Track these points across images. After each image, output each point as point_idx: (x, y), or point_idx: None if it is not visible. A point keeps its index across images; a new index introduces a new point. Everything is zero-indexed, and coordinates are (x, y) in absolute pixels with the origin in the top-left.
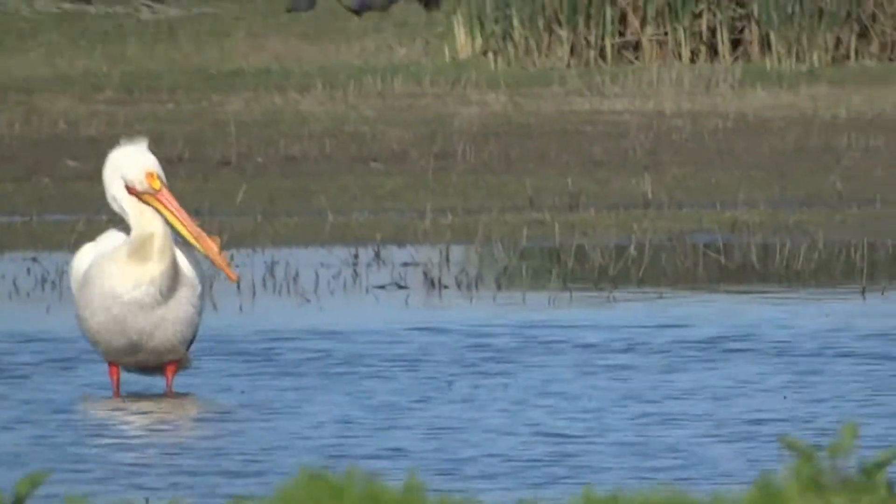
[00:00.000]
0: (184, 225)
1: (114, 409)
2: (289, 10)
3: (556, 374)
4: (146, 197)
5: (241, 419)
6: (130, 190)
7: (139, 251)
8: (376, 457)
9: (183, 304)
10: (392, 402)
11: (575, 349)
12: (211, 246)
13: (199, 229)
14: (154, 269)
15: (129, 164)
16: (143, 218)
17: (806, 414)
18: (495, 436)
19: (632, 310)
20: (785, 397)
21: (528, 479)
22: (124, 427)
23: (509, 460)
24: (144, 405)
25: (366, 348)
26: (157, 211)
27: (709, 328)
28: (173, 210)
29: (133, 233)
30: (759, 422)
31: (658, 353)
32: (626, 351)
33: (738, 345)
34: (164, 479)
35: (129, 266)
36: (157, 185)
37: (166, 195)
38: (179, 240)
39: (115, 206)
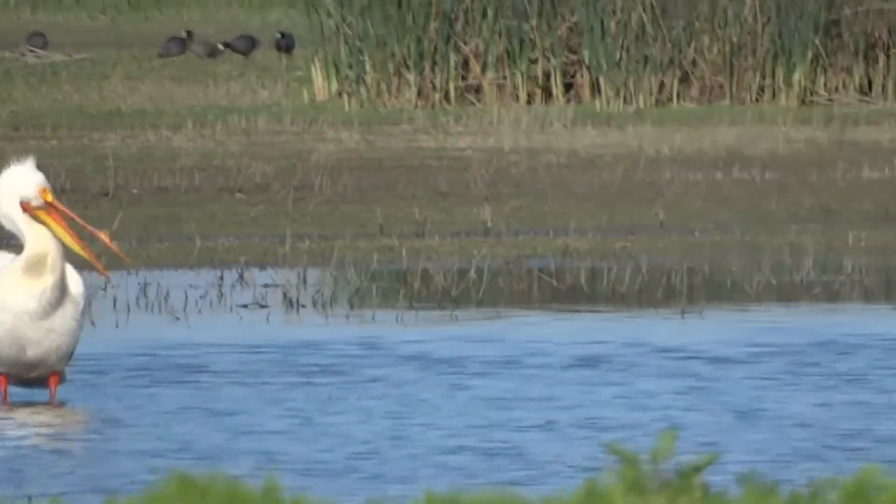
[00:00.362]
0: (70, 237)
1: (3, 410)
2: (160, 56)
3: (403, 383)
4: (38, 213)
5: (116, 425)
6: (25, 207)
7: (34, 267)
8: (239, 457)
9: (67, 318)
10: (252, 408)
11: (421, 362)
12: (90, 254)
13: (83, 245)
14: (46, 282)
15: (23, 182)
16: (37, 236)
17: (631, 421)
18: (345, 439)
19: (472, 327)
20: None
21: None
22: (10, 432)
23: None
24: (28, 409)
25: (230, 361)
26: (48, 226)
27: (542, 344)
28: (62, 224)
29: (27, 250)
30: (588, 427)
31: (499, 365)
32: (466, 363)
33: (566, 359)
34: (47, 481)
35: (24, 280)
36: (49, 197)
37: (59, 206)
38: (67, 259)
39: (7, 224)
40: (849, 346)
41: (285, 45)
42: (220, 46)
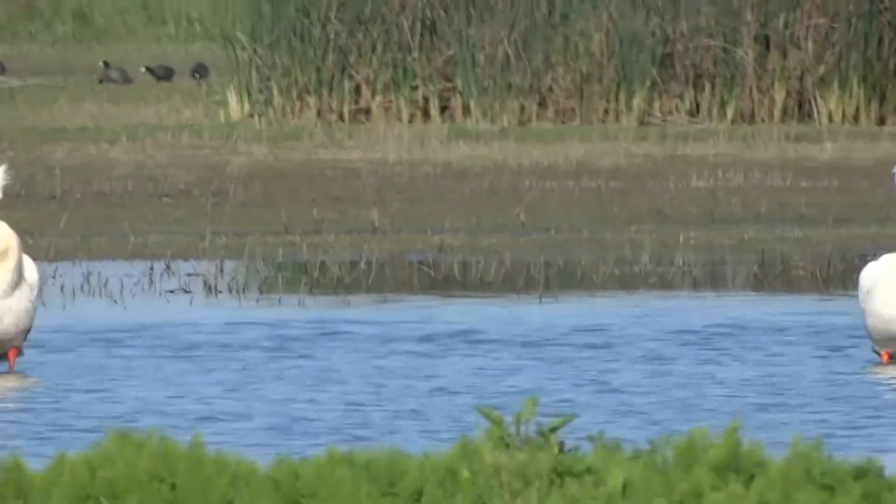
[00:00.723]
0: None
1: None
2: (100, 82)
3: (307, 355)
4: None
5: (64, 391)
6: None
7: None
8: (169, 418)
9: (23, 300)
10: (179, 376)
11: (320, 338)
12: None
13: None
14: (6, 267)
15: None
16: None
17: (499, 389)
18: (261, 402)
19: (362, 310)
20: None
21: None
22: None
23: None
24: None
25: (160, 338)
26: None
27: (423, 325)
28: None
29: None
30: (462, 394)
31: (388, 341)
32: (360, 339)
33: (443, 336)
34: (4, 439)
35: None
36: None
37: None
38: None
39: None
40: (680, 326)
41: (201, 73)
42: (143, 70)
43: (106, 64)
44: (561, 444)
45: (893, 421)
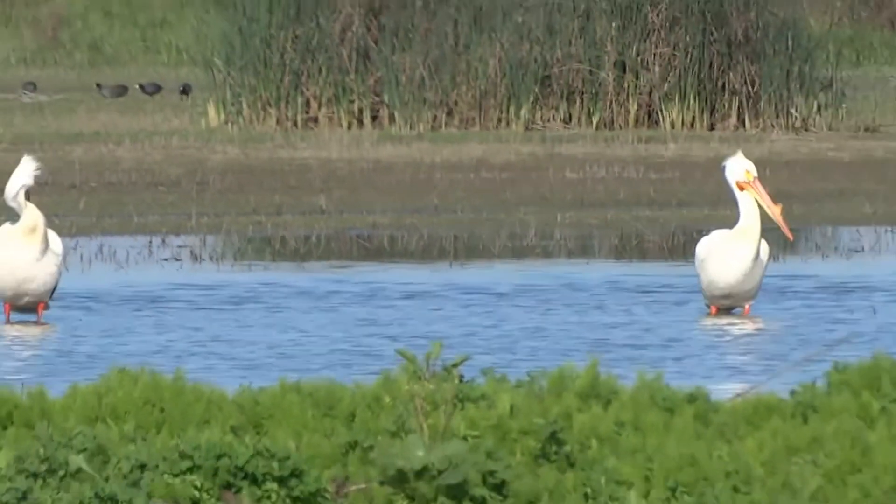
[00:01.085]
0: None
1: (6, 327)
2: (108, 96)
3: (275, 308)
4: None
5: (80, 336)
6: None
7: (28, 229)
8: (166, 357)
9: (50, 264)
10: (174, 325)
11: (281, 295)
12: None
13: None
14: (35, 237)
15: (26, 170)
16: (30, 211)
17: (421, 333)
18: (242, 345)
19: (314, 273)
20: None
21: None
22: (12, 334)
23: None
24: (23, 326)
25: (156, 295)
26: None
27: (361, 285)
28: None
29: (24, 220)
30: (385, 338)
31: (335, 296)
32: (314, 296)
33: (379, 295)
34: (30, 371)
35: (23, 238)
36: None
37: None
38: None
39: (13, 205)
40: (558, 285)
41: (186, 90)
42: (137, 87)
43: (98, 85)
44: (461, 377)
45: (718, 358)
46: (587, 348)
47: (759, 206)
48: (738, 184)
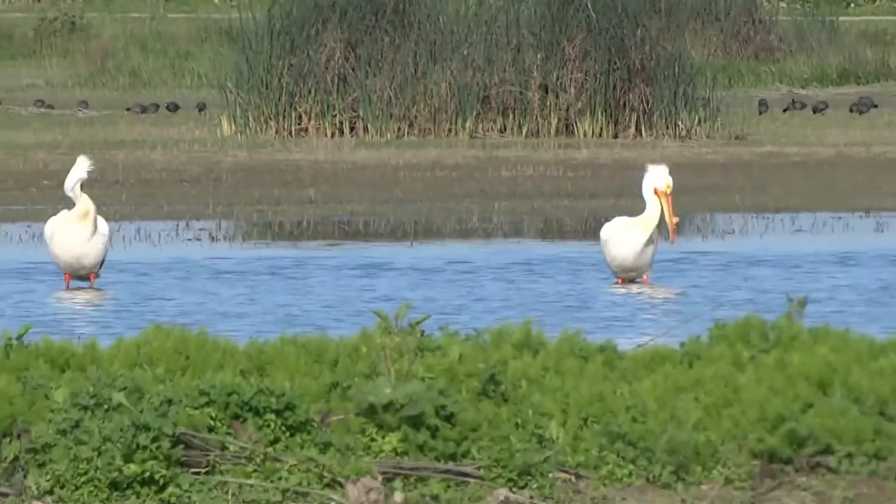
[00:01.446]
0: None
1: (66, 292)
2: (141, 113)
3: (279, 277)
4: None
5: (123, 299)
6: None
7: (82, 214)
8: (196, 316)
9: (99, 244)
10: (198, 291)
11: (280, 267)
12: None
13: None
14: (87, 221)
15: (81, 168)
16: (83, 200)
17: (384, 298)
18: (256, 305)
19: (306, 250)
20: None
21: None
22: (71, 298)
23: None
24: (79, 291)
25: (183, 268)
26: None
27: (341, 259)
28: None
29: (78, 207)
30: (363, 301)
31: (325, 269)
32: (309, 267)
33: (356, 267)
34: (84, 327)
35: (78, 222)
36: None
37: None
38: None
39: (70, 195)
40: (496, 262)
41: (203, 107)
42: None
43: (83, 105)
44: (422, 332)
45: (623, 316)
46: (520, 309)
47: (662, 211)
48: (655, 190)
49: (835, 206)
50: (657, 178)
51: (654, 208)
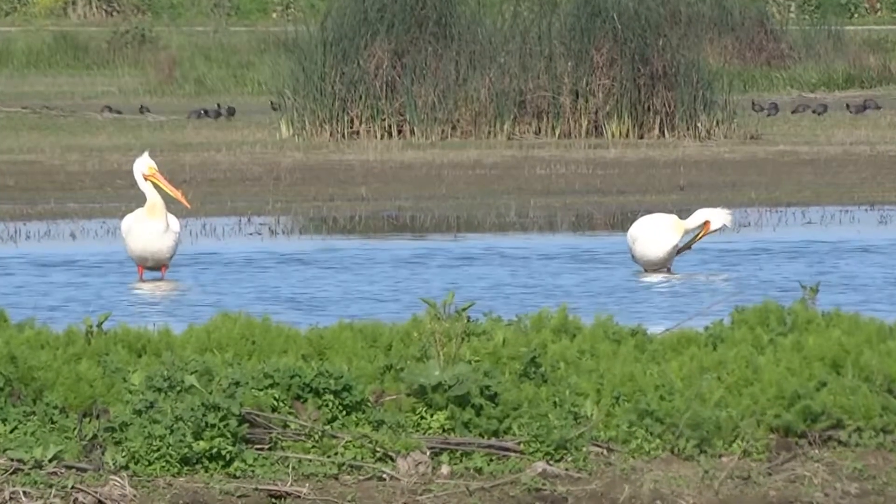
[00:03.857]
0: (167, 189)
1: (140, 283)
2: (199, 117)
3: (334, 268)
4: (149, 178)
5: (193, 287)
6: (145, 177)
7: (151, 210)
8: (258, 304)
9: (170, 238)
10: (261, 280)
11: (337, 258)
12: (178, 194)
13: (175, 189)
14: (159, 217)
15: (141, 163)
16: (150, 195)
17: (437, 287)
18: (312, 290)
19: (358, 242)
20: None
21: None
22: (145, 288)
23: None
24: (153, 282)
25: (246, 259)
26: (155, 186)
27: (392, 251)
28: (161, 182)
29: (148, 202)
30: (416, 289)
31: (377, 262)
32: (359, 260)
33: (407, 258)
34: (155, 315)
35: (148, 216)
36: (151, 171)
37: (158, 175)
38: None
39: (142, 188)
40: (536, 252)
41: (277, 107)
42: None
43: (145, 110)
44: (468, 317)
45: (653, 303)
46: (557, 295)
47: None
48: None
49: (842, 200)
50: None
51: (691, 220)
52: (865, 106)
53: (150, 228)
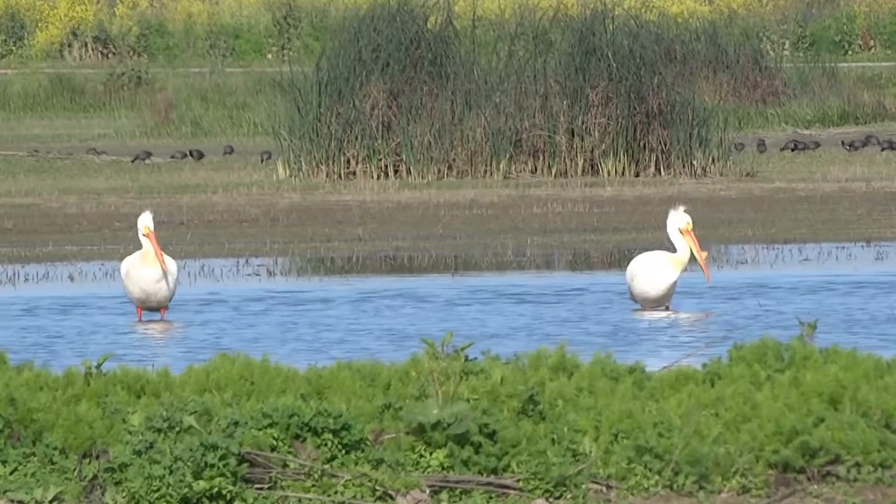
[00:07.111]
0: (155, 251)
1: (139, 324)
2: (195, 159)
3: (334, 304)
4: (147, 236)
5: (192, 329)
6: (147, 235)
7: (145, 258)
8: (256, 345)
9: (169, 281)
10: (261, 319)
11: (333, 299)
12: (160, 258)
13: (160, 253)
14: (151, 265)
15: (141, 221)
16: (144, 244)
17: (433, 327)
18: (314, 327)
19: (355, 280)
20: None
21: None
22: (144, 329)
23: (318, 339)
24: (152, 323)
25: (243, 299)
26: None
27: (389, 290)
28: (152, 244)
29: (143, 249)
30: (410, 329)
31: (374, 298)
32: (354, 300)
33: (402, 298)
34: (154, 353)
35: (142, 262)
36: (146, 230)
37: (151, 237)
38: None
39: (140, 240)
40: (534, 291)
41: (269, 155)
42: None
43: (145, 155)
44: (466, 356)
45: (650, 341)
46: (555, 334)
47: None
48: (680, 230)
49: (838, 236)
50: (678, 219)
51: (684, 249)
52: (860, 142)
53: (146, 275)
